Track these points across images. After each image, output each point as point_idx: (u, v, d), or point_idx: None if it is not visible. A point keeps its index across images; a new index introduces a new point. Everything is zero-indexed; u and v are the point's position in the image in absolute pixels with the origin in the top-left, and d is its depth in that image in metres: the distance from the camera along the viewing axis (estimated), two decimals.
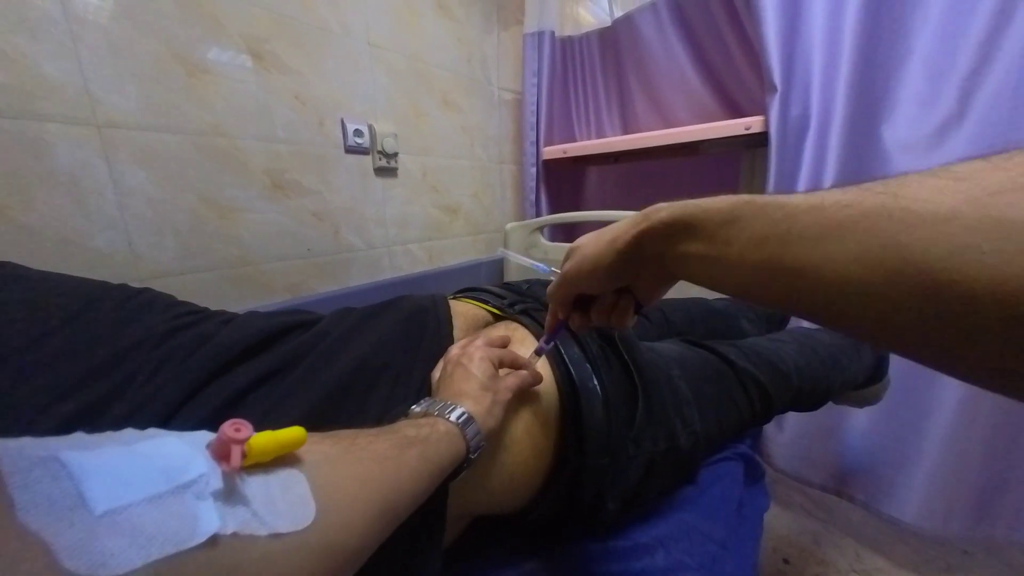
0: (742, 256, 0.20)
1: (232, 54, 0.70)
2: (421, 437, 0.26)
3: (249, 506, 0.15)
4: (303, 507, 0.17)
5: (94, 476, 0.13)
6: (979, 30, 0.64)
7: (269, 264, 0.80)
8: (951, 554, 0.80)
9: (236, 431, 0.16)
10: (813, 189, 0.54)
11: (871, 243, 0.15)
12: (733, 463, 0.44)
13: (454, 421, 0.29)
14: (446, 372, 0.35)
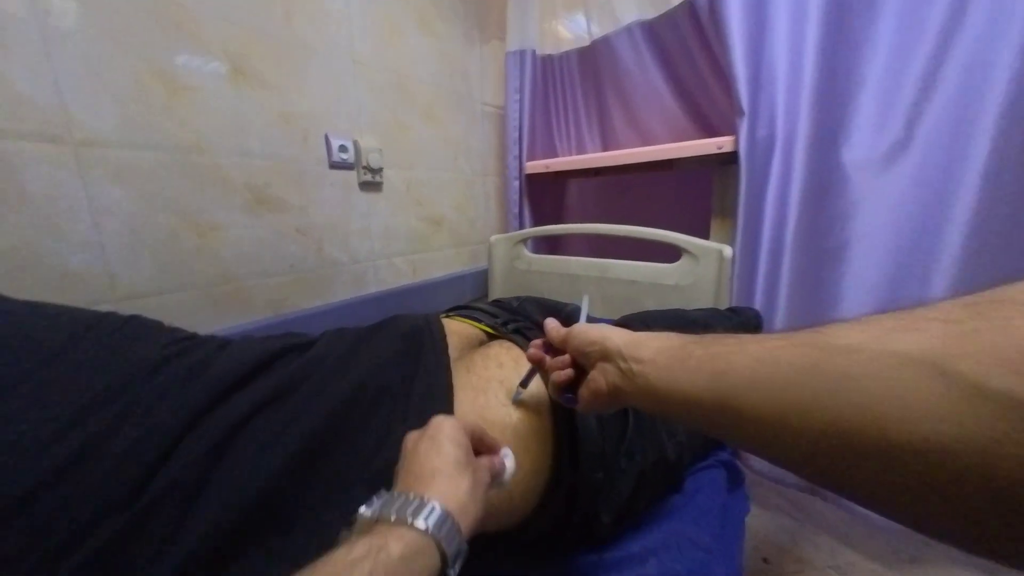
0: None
1: (213, 71, 0.70)
2: (369, 561, 0.19)
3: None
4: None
5: None
6: (920, 66, 0.71)
7: (251, 281, 0.79)
8: (914, 545, 0.86)
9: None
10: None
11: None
12: (715, 470, 0.46)
13: (421, 528, 0.21)
14: (407, 449, 0.28)
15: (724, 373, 0.21)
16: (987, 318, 0.14)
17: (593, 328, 0.33)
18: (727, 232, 0.95)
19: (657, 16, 0.99)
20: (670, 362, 0.25)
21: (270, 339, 0.38)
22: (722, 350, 0.23)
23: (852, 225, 0.81)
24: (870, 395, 0.15)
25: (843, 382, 0.16)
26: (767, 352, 0.20)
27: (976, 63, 0.66)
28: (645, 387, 0.26)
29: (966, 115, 0.67)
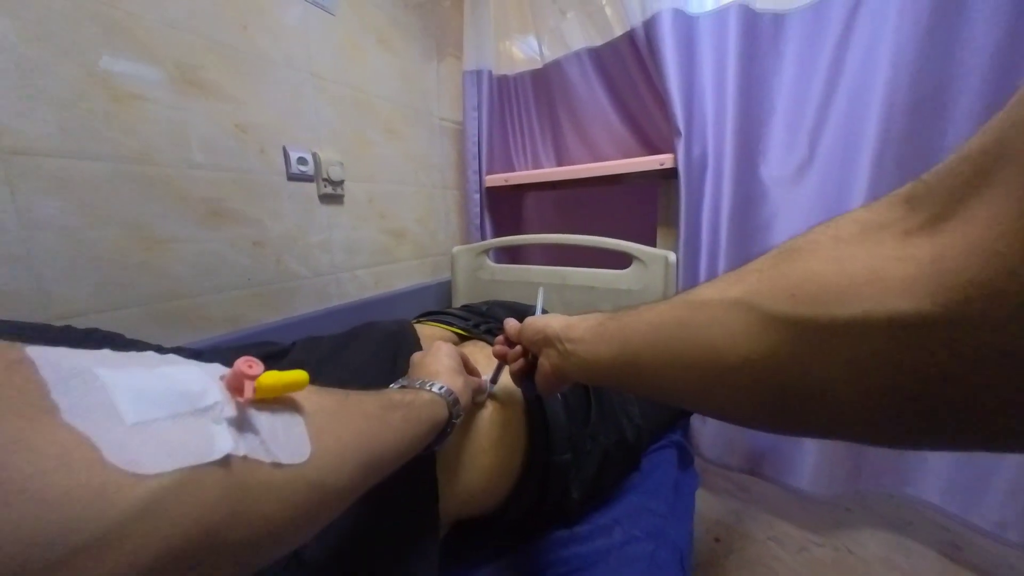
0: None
1: (163, 80, 0.68)
2: (406, 402, 0.29)
3: (258, 435, 0.17)
4: (301, 444, 0.18)
5: (124, 391, 0.14)
6: (816, 97, 0.85)
7: (204, 297, 0.76)
8: (837, 511, 0.98)
9: (249, 367, 0.18)
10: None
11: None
12: (669, 450, 0.51)
13: (436, 391, 0.33)
14: (415, 361, 0.38)
15: (628, 340, 0.26)
16: (782, 263, 0.20)
17: (539, 319, 0.37)
18: (671, 240, 1.05)
19: (603, 44, 1.09)
20: (593, 337, 0.30)
21: (246, 347, 0.38)
22: (627, 320, 0.27)
23: (772, 233, 0.93)
24: (712, 334, 0.20)
25: (699, 329, 0.21)
26: (656, 316, 0.25)
27: (857, 94, 0.80)
28: (578, 363, 0.30)
29: (853, 137, 0.81)
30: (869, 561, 0.86)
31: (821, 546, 0.90)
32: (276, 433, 0.18)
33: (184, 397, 0.15)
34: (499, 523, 0.39)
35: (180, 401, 0.15)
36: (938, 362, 0.13)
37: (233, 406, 0.17)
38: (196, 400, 0.16)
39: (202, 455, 0.14)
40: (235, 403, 0.17)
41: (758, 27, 0.88)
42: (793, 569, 0.85)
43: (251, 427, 0.17)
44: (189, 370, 0.17)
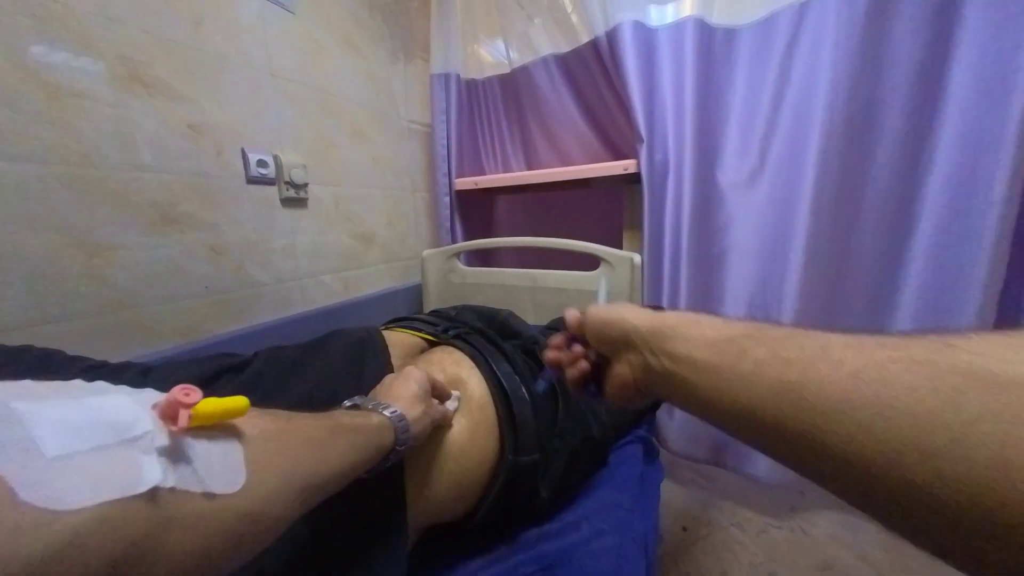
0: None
1: (106, 77, 0.63)
2: (354, 426, 0.28)
3: (190, 464, 0.17)
4: (236, 473, 0.18)
5: (44, 424, 0.13)
6: (765, 107, 0.90)
7: (155, 307, 0.71)
8: (792, 496, 1.04)
9: (186, 395, 0.18)
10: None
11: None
12: (634, 445, 0.54)
13: (387, 416, 0.32)
14: (384, 383, 0.37)
15: (797, 387, 0.16)
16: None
17: (609, 308, 0.30)
18: (637, 242, 1.09)
19: (569, 51, 1.11)
20: (717, 361, 0.20)
21: (200, 361, 0.37)
22: (796, 355, 0.17)
23: (729, 236, 0.99)
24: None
25: (996, 426, 0.11)
26: (871, 366, 0.15)
27: (801, 107, 0.86)
28: (684, 390, 0.22)
29: (798, 147, 0.87)
30: (821, 539, 0.93)
31: (779, 528, 0.96)
32: (211, 462, 0.17)
33: (111, 428, 0.15)
34: (469, 527, 0.39)
35: (107, 432, 0.15)
36: None
37: (166, 435, 0.16)
38: (124, 430, 0.15)
39: (127, 487, 0.14)
40: (168, 432, 0.16)
41: (713, 41, 0.93)
42: (753, 552, 0.90)
43: (184, 456, 0.17)
44: (118, 399, 0.16)
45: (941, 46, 0.74)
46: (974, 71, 0.72)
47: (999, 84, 0.69)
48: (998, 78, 0.69)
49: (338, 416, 0.29)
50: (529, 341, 0.49)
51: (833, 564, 0.87)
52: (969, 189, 0.74)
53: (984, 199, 0.72)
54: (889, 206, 0.83)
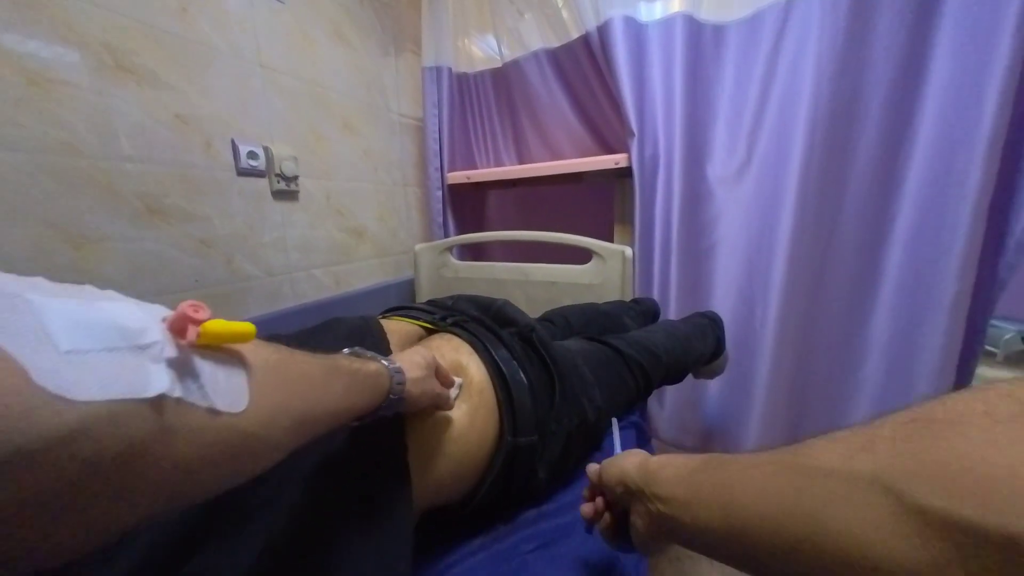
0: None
1: (89, 64, 0.62)
2: (352, 370, 0.29)
3: (197, 380, 0.17)
4: (239, 395, 0.18)
5: (58, 319, 0.13)
6: (752, 104, 0.92)
7: (144, 300, 0.70)
8: None
9: (195, 311, 0.17)
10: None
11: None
12: (628, 431, 0.55)
13: (386, 365, 0.32)
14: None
15: (730, 506, 0.21)
16: (920, 435, 0.16)
17: (613, 464, 0.32)
18: (628, 236, 1.10)
19: (559, 45, 1.12)
20: (687, 495, 0.25)
21: None
22: (723, 477, 0.23)
23: (717, 229, 1.01)
24: (842, 521, 0.16)
25: (824, 510, 0.17)
26: (762, 479, 0.21)
27: (786, 102, 0.88)
28: (677, 529, 0.25)
29: (784, 142, 0.89)
30: None
31: None
32: (216, 380, 0.18)
33: (122, 332, 0.15)
34: (468, 509, 0.40)
35: (117, 336, 0.15)
36: None
37: (174, 347, 0.16)
38: (134, 337, 0.15)
39: (135, 390, 0.14)
40: (176, 345, 0.16)
41: (702, 37, 0.95)
42: None
43: (191, 371, 0.17)
44: (129, 307, 0.16)
45: (921, 42, 0.77)
46: (952, 67, 0.75)
47: (975, 80, 0.72)
48: (974, 74, 0.72)
49: (338, 359, 0.29)
50: (526, 329, 0.50)
51: None
52: (945, 183, 0.77)
53: (958, 194, 0.75)
54: (870, 199, 0.86)
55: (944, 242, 0.78)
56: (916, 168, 0.81)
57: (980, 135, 0.72)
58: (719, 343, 0.83)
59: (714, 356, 0.83)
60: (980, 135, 0.72)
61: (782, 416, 0.97)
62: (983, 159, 0.72)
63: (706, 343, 0.78)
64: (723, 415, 1.06)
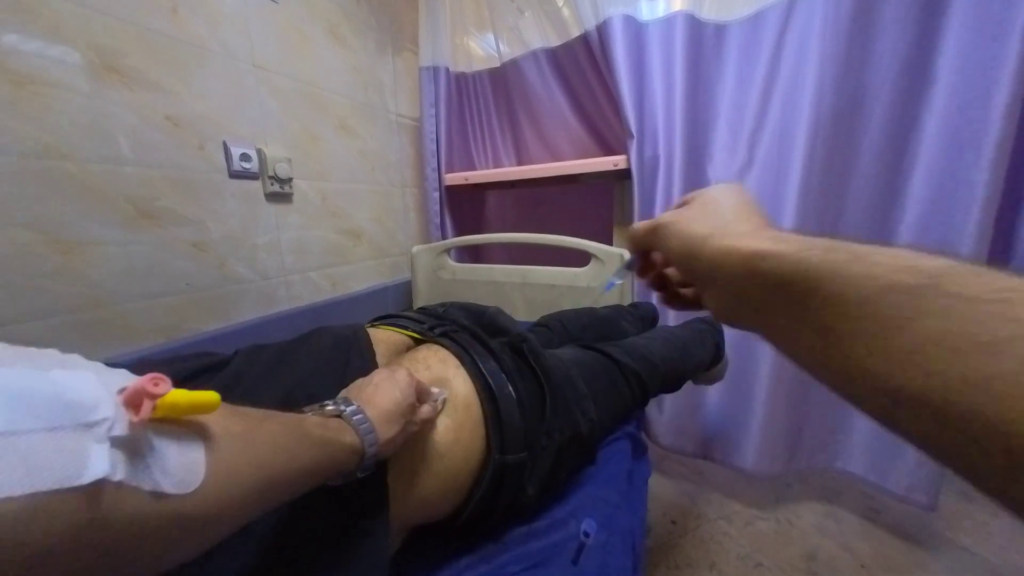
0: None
1: (77, 66, 0.61)
2: (323, 441, 0.27)
3: (144, 459, 0.16)
4: (193, 472, 0.17)
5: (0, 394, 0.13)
6: (754, 105, 0.91)
7: (133, 304, 0.69)
8: (778, 488, 1.06)
9: (154, 385, 0.17)
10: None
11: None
12: (623, 442, 0.54)
13: (360, 439, 0.30)
14: (372, 381, 0.35)
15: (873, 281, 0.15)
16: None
17: (686, 224, 0.23)
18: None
19: (559, 45, 1.10)
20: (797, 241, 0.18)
21: (176, 360, 0.35)
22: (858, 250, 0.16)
23: None
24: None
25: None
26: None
27: (789, 103, 0.86)
28: (773, 264, 0.18)
29: (786, 143, 0.87)
30: (805, 530, 0.94)
31: (765, 520, 0.98)
32: (168, 458, 0.17)
33: (69, 409, 0.14)
34: (455, 526, 0.39)
35: (63, 412, 0.14)
36: None
37: (125, 424, 0.15)
38: (82, 414, 0.14)
39: (68, 477, 0.13)
40: (127, 422, 0.16)
41: (703, 36, 0.93)
42: (740, 543, 0.92)
43: (140, 449, 0.16)
44: (85, 377, 0.16)
45: (926, 42, 0.75)
46: (958, 68, 0.73)
47: (982, 82, 0.70)
48: (981, 75, 0.70)
49: (310, 425, 0.27)
50: (517, 338, 0.48)
51: (817, 554, 0.88)
52: (951, 185, 0.75)
53: (967, 195, 0.73)
54: (873, 201, 0.84)
55: (950, 246, 0.76)
56: (920, 171, 0.79)
57: (987, 137, 0.70)
58: (719, 349, 0.82)
59: (714, 362, 0.81)
60: (987, 137, 0.70)
61: (782, 422, 0.96)
62: (990, 162, 0.70)
63: (705, 349, 0.76)
64: (723, 421, 1.04)
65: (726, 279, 0.21)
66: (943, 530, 0.93)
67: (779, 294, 0.18)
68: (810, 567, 0.85)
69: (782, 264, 0.18)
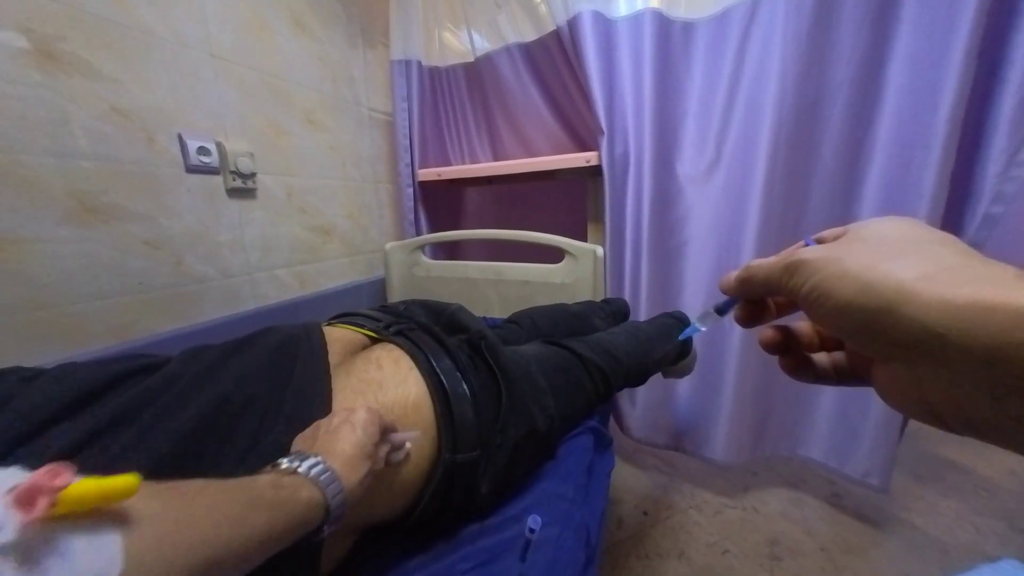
0: None
1: (8, 51, 0.57)
2: (277, 502, 0.25)
3: (38, 565, 0.14)
4: (108, 564, 0.16)
5: None
6: (720, 103, 0.92)
7: (80, 305, 0.66)
8: (746, 476, 1.09)
9: (52, 477, 0.15)
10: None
11: None
12: (584, 436, 0.54)
13: (321, 485, 0.28)
14: (330, 426, 0.33)
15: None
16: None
17: (857, 278, 0.15)
18: (600, 234, 1.09)
19: (533, 40, 1.10)
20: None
21: (108, 361, 0.34)
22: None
23: (687, 228, 1.01)
24: None
25: None
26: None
27: (753, 102, 0.88)
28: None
29: (751, 141, 0.89)
30: (770, 516, 0.98)
31: (733, 508, 1.01)
32: (74, 556, 0.15)
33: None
34: (406, 525, 0.38)
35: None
36: None
37: (13, 528, 0.14)
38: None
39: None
40: (19, 525, 0.14)
41: (671, 33, 0.94)
42: (709, 532, 0.94)
43: (34, 554, 0.14)
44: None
45: (881, 45, 0.77)
46: (909, 70, 0.76)
47: (931, 83, 0.73)
48: (930, 77, 0.73)
49: (259, 487, 0.25)
50: (476, 336, 0.48)
51: (780, 539, 0.91)
52: (903, 183, 0.78)
53: (916, 192, 0.76)
54: (833, 199, 0.86)
55: None
56: (876, 167, 0.82)
57: (935, 136, 0.73)
58: (686, 342, 0.83)
59: (681, 356, 0.83)
60: (935, 136, 0.73)
61: (749, 414, 0.98)
62: (938, 160, 0.73)
63: (671, 344, 0.77)
64: (693, 413, 1.06)
65: (966, 353, 0.12)
66: (897, 511, 0.98)
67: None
68: (773, 551, 0.88)
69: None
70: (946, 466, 1.14)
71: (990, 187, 0.73)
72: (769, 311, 0.22)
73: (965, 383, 0.13)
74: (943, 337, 0.13)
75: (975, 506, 0.99)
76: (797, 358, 0.22)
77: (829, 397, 0.94)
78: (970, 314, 0.12)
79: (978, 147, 0.74)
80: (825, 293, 0.16)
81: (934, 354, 0.13)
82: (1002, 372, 0.12)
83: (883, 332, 0.15)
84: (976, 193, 0.75)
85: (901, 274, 0.14)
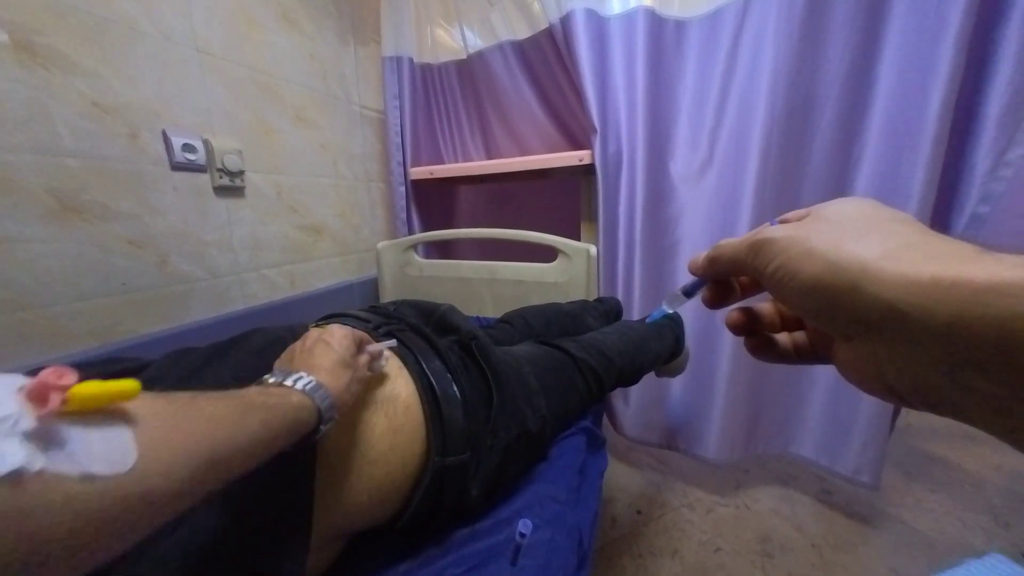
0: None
1: None
2: (269, 404, 0.26)
3: (63, 448, 0.15)
4: (124, 454, 0.17)
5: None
6: (713, 102, 0.92)
7: (61, 306, 0.64)
8: (738, 474, 1.10)
9: (57, 377, 0.16)
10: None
11: None
12: (577, 437, 0.54)
13: (308, 392, 0.29)
14: (304, 347, 0.35)
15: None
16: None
17: (817, 256, 0.15)
18: (593, 233, 1.09)
19: (525, 37, 1.09)
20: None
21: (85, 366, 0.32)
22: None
23: (680, 227, 1.01)
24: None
25: None
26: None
27: (745, 101, 0.88)
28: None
29: (743, 140, 0.89)
30: (762, 513, 0.98)
31: (725, 506, 1.01)
32: (90, 445, 0.16)
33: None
34: (396, 530, 0.38)
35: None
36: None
37: (32, 418, 0.15)
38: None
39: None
40: (35, 416, 0.15)
41: (663, 32, 0.94)
42: (702, 529, 0.95)
43: (56, 440, 0.15)
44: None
45: (871, 44, 0.78)
46: (898, 69, 0.76)
47: (919, 83, 0.73)
48: (919, 76, 0.74)
49: (249, 394, 0.26)
50: (467, 336, 0.48)
51: (771, 535, 0.92)
52: (892, 181, 0.79)
53: (905, 191, 0.77)
54: (823, 195, 0.87)
55: None
56: (866, 165, 0.82)
57: (924, 135, 0.74)
58: (678, 342, 0.83)
59: (673, 355, 0.83)
60: (924, 135, 0.74)
61: (741, 412, 0.99)
62: (927, 159, 0.74)
63: (663, 343, 0.77)
64: (686, 412, 1.07)
65: (925, 329, 0.13)
66: (886, 507, 0.99)
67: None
68: (764, 548, 0.89)
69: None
70: (934, 462, 1.15)
71: (978, 186, 0.73)
72: (734, 292, 0.22)
73: (923, 358, 0.13)
74: (905, 315, 0.13)
75: (962, 501, 1.01)
76: (760, 339, 0.22)
77: (820, 395, 0.95)
78: (932, 291, 0.13)
79: (965, 146, 0.75)
80: (791, 272, 0.16)
81: (895, 331, 0.14)
82: (959, 346, 0.12)
83: (847, 310, 0.15)
84: (964, 192, 0.76)
85: (865, 253, 0.15)
